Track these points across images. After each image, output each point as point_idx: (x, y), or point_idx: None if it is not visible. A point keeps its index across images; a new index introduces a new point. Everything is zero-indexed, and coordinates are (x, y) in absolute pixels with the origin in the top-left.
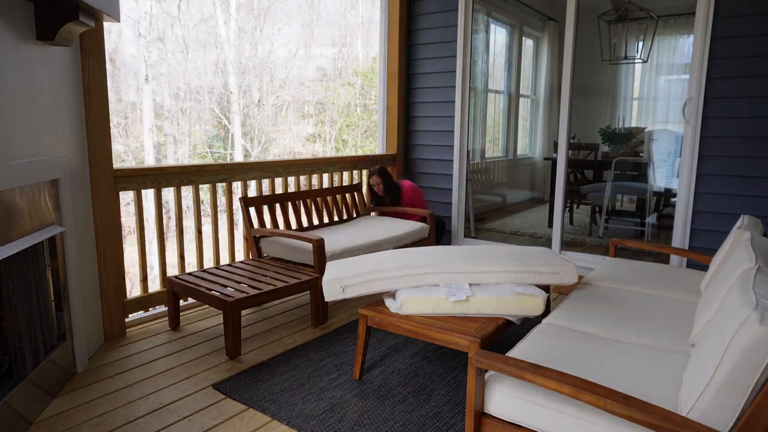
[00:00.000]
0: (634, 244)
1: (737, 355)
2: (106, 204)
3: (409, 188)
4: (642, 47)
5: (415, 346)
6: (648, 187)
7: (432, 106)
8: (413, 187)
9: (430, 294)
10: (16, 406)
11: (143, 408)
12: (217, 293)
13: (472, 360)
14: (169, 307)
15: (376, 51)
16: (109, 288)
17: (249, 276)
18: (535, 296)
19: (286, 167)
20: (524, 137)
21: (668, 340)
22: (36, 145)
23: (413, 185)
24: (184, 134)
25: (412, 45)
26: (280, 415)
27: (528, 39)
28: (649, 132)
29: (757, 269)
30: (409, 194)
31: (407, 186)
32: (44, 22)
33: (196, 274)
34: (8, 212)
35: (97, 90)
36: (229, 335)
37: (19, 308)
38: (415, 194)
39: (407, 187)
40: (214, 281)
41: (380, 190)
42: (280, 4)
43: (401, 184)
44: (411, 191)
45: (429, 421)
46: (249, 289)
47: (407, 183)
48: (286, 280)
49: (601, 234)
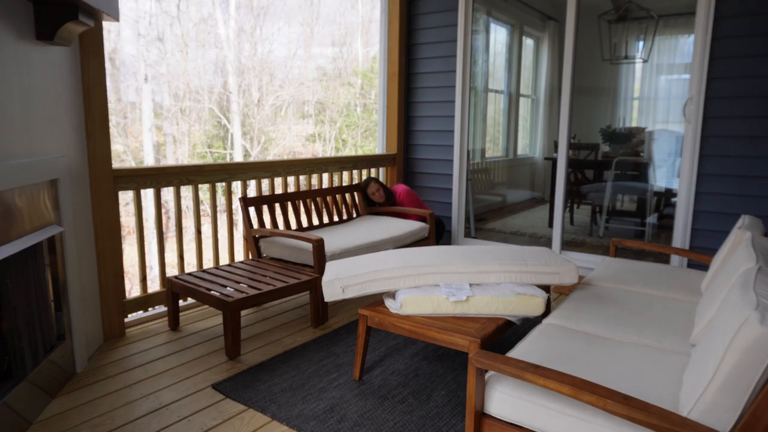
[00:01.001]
0: (635, 244)
1: (738, 355)
2: (106, 204)
3: (402, 192)
4: (642, 47)
5: (415, 347)
6: (648, 187)
7: (432, 105)
8: (407, 190)
9: (430, 294)
10: (15, 406)
11: (143, 408)
12: (217, 293)
13: (472, 360)
14: (168, 308)
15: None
16: (108, 288)
17: (248, 276)
18: (535, 296)
19: (286, 167)
20: (524, 137)
21: (669, 340)
22: (35, 145)
23: (407, 188)
24: (184, 134)
25: (412, 44)
26: (280, 416)
27: (528, 39)
28: (650, 132)
29: (758, 269)
30: (404, 198)
31: (400, 190)
32: (43, 22)
33: (196, 275)
34: (8, 212)
35: (97, 90)
36: (229, 335)
37: (19, 308)
38: (409, 197)
39: (400, 191)
40: (213, 281)
41: (381, 196)
42: (280, 3)
43: (394, 189)
44: (405, 195)
45: (429, 422)
46: (249, 289)
47: (400, 187)
48: (285, 281)
49: (602, 234)
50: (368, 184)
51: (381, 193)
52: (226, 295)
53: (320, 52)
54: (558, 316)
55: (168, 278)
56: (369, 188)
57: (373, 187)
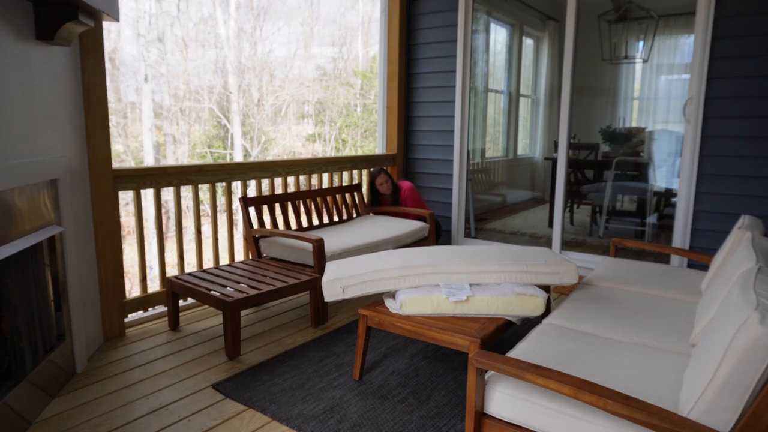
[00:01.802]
0: (635, 244)
1: (738, 355)
2: (106, 204)
3: (408, 189)
4: (642, 47)
5: (415, 347)
6: (648, 187)
7: (432, 105)
8: (411, 187)
9: (430, 294)
10: (15, 406)
11: (143, 408)
12: (217, 293)
13: (472, 360)
14: (168, 308)
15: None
16: (108, 288)
17: (248, 276)
18: (535, 296)
19: (286, 167)
20: (524, 137)
21: (669, 340)
22: (35, 145)
23: (411, 185)
24: (184, 134)
25: (412, 44)
26: (280, 416)
27: (528, 39)
28: (650, 132)
29: (758, 269)
30: (408, 195)
31: (406, 186)
32: (43, 22)
33: (196, 275)
34: (8, 212)
35: (97, 90)
36: (229, 335)
37: (19, 308)
38: (413, 194)
39: (406, 188)
40: (213, 281)
41: (389, 188)
42: (280, 3)
43: (400, 184)
44: (410, 192)
45: (429, 422)
46: (249, 289)
47: (406, 183)
48: (285, 281)
49: (602, 234)
50: (378, 174)
51: (389, 185)
52: (226, 295)
53: (320, 52)
54: (558, 316)
55: (168, 278)
56: (378, 179)
57: (382, 178)
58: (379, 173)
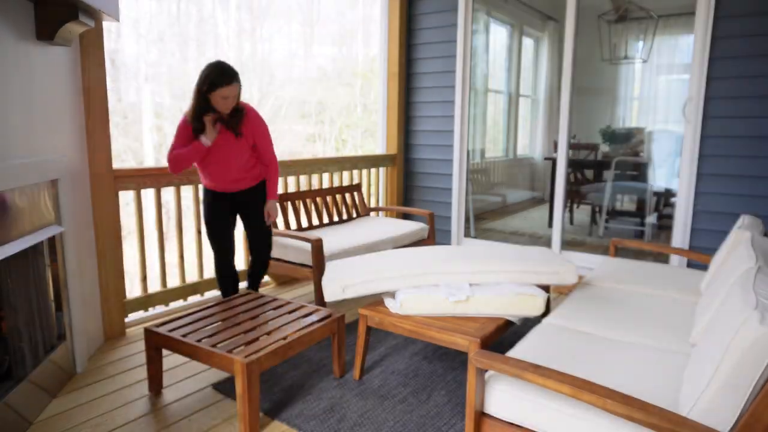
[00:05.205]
0: (634, 244)
1: (737, 355)
2: (106, 204)
3: (256, 117)
4: (642, 47)
5: (415, 346)
6: (648, 186)
7: (432, 105)
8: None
9: (430, 294)
10: (15, 406)
11: (143, 408)
12: (221, 351)
13: (472, 360)
14: (150, 367)
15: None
16: (108, 288)
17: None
18: (535, 296)
19: (286, 167)
20: (524, 137)
21: (668, 340)
22: (35, 145)
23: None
24: None
25: (412, 44)
26: (280, 415)
27: (528, 39)
28: (650, 132)
29: (758, 269)
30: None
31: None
32: (44, 22)
33: (180, 322)
34: (8, 212)
35: (97, 90)
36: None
37: (19, 308)
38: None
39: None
40: (204, 328)
41: (229, 106)
42: (280, 3)
43: (246, 107)
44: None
45: (429, 421)
46: (261, 336)
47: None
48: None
49: (602, 234)
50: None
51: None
52: (231, 351)
53: (320, 52)
54: (558, 316)
55: (147, 330)
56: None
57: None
58: (231, 82)
